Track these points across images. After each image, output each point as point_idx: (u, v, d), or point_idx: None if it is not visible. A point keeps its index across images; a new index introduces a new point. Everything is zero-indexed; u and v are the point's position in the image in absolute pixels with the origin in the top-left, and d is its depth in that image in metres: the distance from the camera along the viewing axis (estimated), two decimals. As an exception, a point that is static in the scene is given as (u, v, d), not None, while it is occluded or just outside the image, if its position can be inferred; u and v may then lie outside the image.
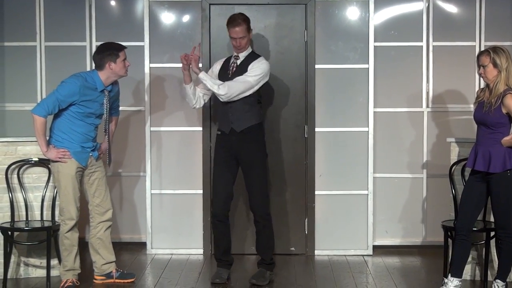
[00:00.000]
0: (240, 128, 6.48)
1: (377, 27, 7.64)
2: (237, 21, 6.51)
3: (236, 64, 6.58)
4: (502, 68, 5.83)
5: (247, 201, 6.94)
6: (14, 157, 6.69)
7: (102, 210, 6.54)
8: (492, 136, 5.88)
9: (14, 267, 6.72)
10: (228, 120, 6.51)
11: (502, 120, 5.86)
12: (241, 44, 6.51)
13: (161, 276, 6.83)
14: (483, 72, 5.90)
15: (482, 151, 5.90)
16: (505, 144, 5.87)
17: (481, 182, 5.98)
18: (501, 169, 5.84)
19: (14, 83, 7.78)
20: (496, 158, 5.84)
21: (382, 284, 6.60)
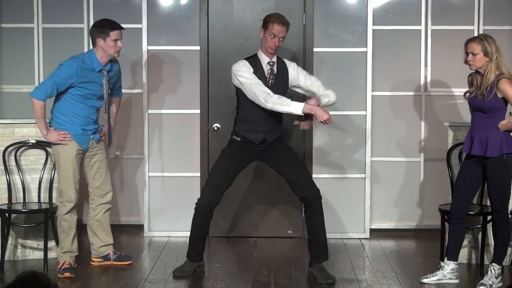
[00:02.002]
0: (271, 139, 6.19)
1: (376, 11, 7.61)
2: (283, 20, 6.11)
3: (274, 73, 6.17)
4: (493, 56, 5.80)
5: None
6: (11, 139, 6.67)
7: (102, 192, 6.53)
8: (489, 120, 5.87)
9: (12, 249, 6.71)
10: (260, 130, 6.14)
11: (499, 105, 5.85)
12: (279, 45, 6.10)
13: (158, 259, 6.83)
14: (472, 59, 5.86)
15: (479, 136, 5.89)
16: (502, 128, 5.86)
17: (477, 166, 5.97)
18: (498, 153, 5.84)
19: (11, 65, 7.75)
20: (493, 142, 5.83)
21: (379, 267, 6.60)
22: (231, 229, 7.64)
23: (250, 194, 7.60)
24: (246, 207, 7.61)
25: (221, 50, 7.49)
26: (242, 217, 7.64)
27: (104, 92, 6.35)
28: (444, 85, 7.69)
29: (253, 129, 6.16)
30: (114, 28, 6.25)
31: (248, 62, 6.15)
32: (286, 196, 7.55)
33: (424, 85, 7.73)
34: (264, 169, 7.32)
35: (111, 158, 7.61)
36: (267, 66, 6.17)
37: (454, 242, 6.09)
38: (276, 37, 6.09)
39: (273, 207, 7.61)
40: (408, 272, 6.45)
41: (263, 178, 7.53)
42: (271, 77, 6.17)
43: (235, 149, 6.24)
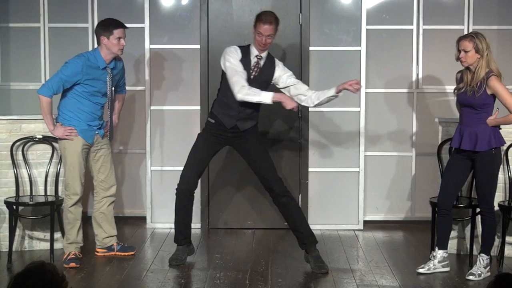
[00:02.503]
0: (244, 127, 6.19)
1: (369, 11, 7.60)
2: (269, 19, 6.07)
3: (259, 64, 6.17)
4: (484, 53, 5.81)
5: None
6: (18, 134, 6.66)
7: (106, 185, 6.53)
8: (478, 116, 5.89)
9: (19, 240, 6.71)
10: (233, 116, 6.14)
11: (487, 101, 5.86)
12: (267, 42, 6.07)
13: (160, 249, 6.83)
14: (463, 56, 5.86)
15: (468, 131, 5.89)
16: (491, 124, 5.88)
17: (466, 160, 5.98)
18: (487, 147, 5.85)
19: (18, 63, 7.73)
20: (482, 137, 5.85)
21: (372, 258, 6.61)
22: (230, 221, 7.65)
23: (248, 188, 7.60)
24: (244, 200, 7.62)
25: (221, 49, 7.42)
26: (240, 210, 7.64)
27: (108, 89, 6.34)
28: (435, 82, 7.69)
29: (227, 113, 6.16)
30: (118, 27, 6.25)
31: (240, 49, 6.17)
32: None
33: (416, 83, 7.73)
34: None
35: (115, 153, 7.60)
36: (254, 58, 6.16)
37: (442, 232, 6.12)
38: (262, 36, 6.08)
39: (270, 199, 7.59)
40: (400, 262, 6.46)
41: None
42: (255, 69, 6.16)
43: (208, 133, 6.26)
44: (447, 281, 5.96)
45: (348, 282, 5.93)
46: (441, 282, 5.96)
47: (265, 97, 5.97)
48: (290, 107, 5.98)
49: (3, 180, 6.66)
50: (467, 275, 5.95)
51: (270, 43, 6.15)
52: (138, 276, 6.07)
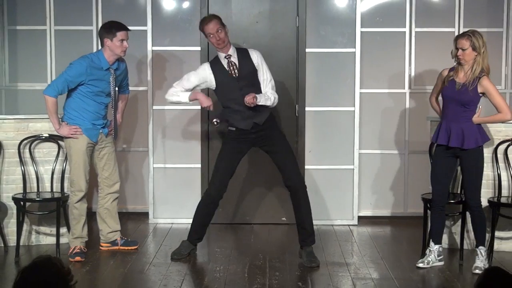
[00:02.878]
0: (262, 120, 6.15)
1: (364, 14, 7.62)
2: (209, 18, 6.16)
3: (234, 63, 6.16)
4: (480, 51, 5.83)
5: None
6: (26, 133, 6.68)
7: (110, 182, 6.55)
8: (464, 114, 5.89)
9: (26, 235, 6.74)
10: (247, 117, 6.11)
11: (475, 99, 5.89)
12: (221, 37, 6.06)
13: (162, 244, 6.86)
14: (461, 54, 5.88)
15: (455, 129, 5.89)
16: (476, 122, 5.89)
17: (452, 157, 5.99)
18: (474, 145, 5.87)
19: (25, 64, 7.76)
20: (469, 135, 5.86)
21: (366, 252, 6.64)
22: (229, 217, 7.67)
23: (247, 184, 7.62)
24: (243, 196, 7.64)
25: (220, 51, 7.49)
26: (240, 206, 7.67)
27: (111, 89, 6.37)
28: (427, 82, 7.70)
29: (240, 117, 6.16)
30: (121, 29, 6.27)
31: (209, 64, 6.25)
32: (281, 186, 7.55)
33: (409, 83, 7.75)
34: (259, 161, 7.36)
35: (119, 151, 7.62)
36: (224, 60, 6.17)
37: (437, 227, 6.14)
38: (213, 35, 6.09)
39: (268, 196, 7.64)
40: (393, 256, 6.49)
41: (259, 169, 7.55)
42: (232, 68, 6.16)
43: (232, 139, 6.25)
44: (438, 274, 5.99)
45: (343, 275, 5.96)
46: (433, 275, 5.99)
47: (183, 96, 6.21)
48: (205, 105, 6.15)
49: (11, 177, 6.68)
50: (473, 269, 5.97)
51: (224, 36, 6.12)
52: (141, 269, 6.09)
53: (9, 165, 6.67)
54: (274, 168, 7.25)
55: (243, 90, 6.09)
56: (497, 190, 6.57)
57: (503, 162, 6.58)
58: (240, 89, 6.11)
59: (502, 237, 6.63)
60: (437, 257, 6.12)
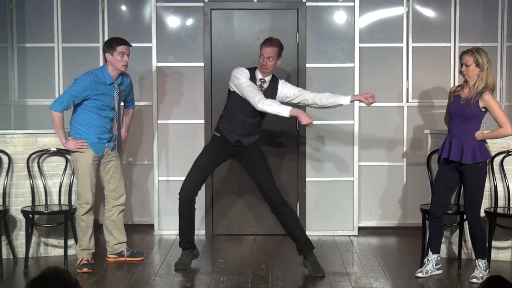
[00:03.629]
0: (246, 143, 6.19)
1: (362, 30, 7.63)
2: (271, 42, 6.09)
3: (262, 88, 6.13)
4: (484, 67, 5.82)
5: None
6: (34, 147, 6.67)
7: (116, 195, 6.53)
8: (466, 127, 5.87)
9: (35, 247, 6.71)
10: (236, 133, 6.15)
11: (478, 114, 5.85)
12: (267, 64, 6.04)
13: (167, 255, 6.83)
14: (465, 70, 5.86)
15: (456, 142, 5.88)
16: (479, 138, 5.86)
17: (454, 170, 5.96)
18: (471, 161, 5.83)
19: (34, 81, 7.76)
20: (468, 150, 5.83)
21: (366, 262, 6.60)
22: (232, 228, 7.65)
23: (249, 196, 7.60)
24: (246, 208, 7.62)
25: (223, 66, 7.50)
26: (242, 217, 7.64)
27: (115, 103, 6.36)
28: (424, 96, 7.70)
29: (232, 129, 6.15)
30: (121, 44, 6.28)
31: (247, 71, 6.15)
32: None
33: (406, 97, 7.74)
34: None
35: (125, 164, 7.62)
36: (258, 81, 6.15)
37: (435, 237, 6.10)
38: (264, 57, 6.07)
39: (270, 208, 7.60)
40: (393, 266, 6.45)
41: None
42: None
43: (213, 146, 6.26)
44: (437, 283, 5.95)
45: (344, 285, 5.93)
46: (432, 284, 5.95)
47: (284, 109, 5.91)
48: (305, 122, 5.88)
49: (20, 190, 6.67)
50: (471, 278, 5.93)
51: (271, 66, 6.10)
52: (146, 280, 6.06)
53: (18, 179, 6.66)
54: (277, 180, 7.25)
55: (252, 113, 6.08)
56: (493, 200, 6.54)
57: (499, 173, 6.56)
58: (250, 111, 6.08)
59: (498, 246, 6.60)
60: (435, 266, 6.09)
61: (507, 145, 6.54)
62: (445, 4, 7.69)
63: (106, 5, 7.67)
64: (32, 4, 7.69)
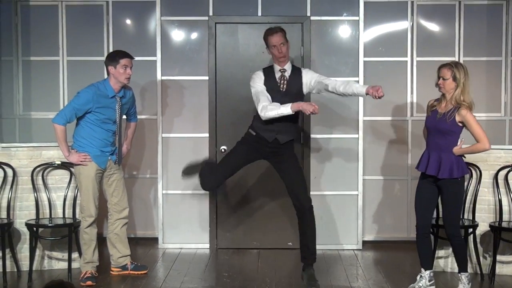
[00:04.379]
0: (283, 140, 6.17)
1: (366, 44, 7.64)
2: (275, 29, 6.15)
3: (285, 77, 6.17)
4: (460, 82, 5.79)
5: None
6: (39, 160, 6.69)
7: (119, 208, 6.54)
8: (443, 142, 5.81)
9: (39, 260, 6.72)
10: (272, 130, 6.13)
11: (454, 129, 5.80)
12: (283, 50, 6.09)
13: (171, 268, 6.82)
14: (442, 83, 5.85)
15: (434, 157, 5.83)
16: (457, 153, 5.80)
17: (433, 184, 5.90)
18: (448, 176, 5.77)
19: (39, 94, 7.78)
20: (446, 164, 5.77)
21: (371, 276, 6.59)
22: (236, 242, 7.64)
23: (253, 210, 7.60)
24: (250, 222, 7.61)
25: (228, 80, 7.52)
26: (247, 231, 7.63)
27: (117, 116, 6.38)
28: (429, 110, 7.70)
29: (266, 128, 6.14)
30: (124, 56, 6.31)
31: (262, 71, 6.23)
32: (287, 211, 7.56)
33: (410, 111, 7.75)
34: (267, 187, 7.35)
35: (128, 178, 7.62)
36: (278, 73, 6.18)
37: (425, 253, 6.01)
38: (276, 46, 6.11)
39: (274, 221, 7.61)
40: (397, 280, 6.44)
41: (266, 195, 7.53)
42: (282, 82, 6.16)
43: (248, 143, 6.26)
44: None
45: (348, 298, 5.92)
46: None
47: (285, 108, 5.96)
48: (309, 111, 5.89)
49: (25, 203, 6.68)
50: None
51: (286, 51, 6.14)
52: (150, 293, 6.07)
53: (22, 192, 6.67)
54: (281, 194, 7.26)
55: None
56: (498, 215, 6.53)
57: (504, 187, 6.56)
58: (279, 102, 6.06)
59: (503, 261, 6.58)
60: (429, 282, 6.01)
61: (511, 159, 6.54)
62: (449, 18, 7.71)
63: (111, 19, 7.70)
64: (37, 18, 7.72)
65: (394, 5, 7.69)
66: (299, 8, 7.54)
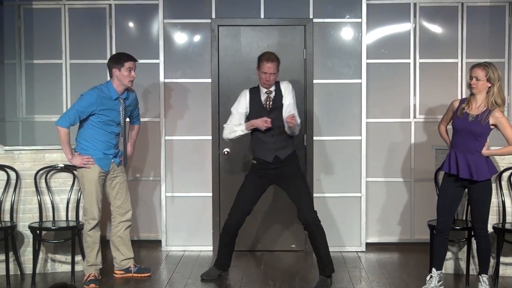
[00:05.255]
0: (283, 155, 6.25)
1: (369, 46, 7.65)
2: (271, 58, 6.24)
3: (270, 98, 6.30)
4: (495, 83, 5.79)
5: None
6: (42, 163, 6.70)
7: (122, 211, 6.54)
8: (474, 144, 5.83)
9: (42, 263, 6.72)
10: (270, 149, 6.24)
11: (487, 131, 5.82)
12: (271, 79, 6.24)
13: (174, 271, 6.83)
14: (475, 83, 5.84)
15: (462, 159, 5.84)
16: (485, 154, 5.83)
17: (460, 187, 5.93)
18: (485, 177, 5.79)
19: (42, 97, 7.79)
20: (480, 167, 5.78)
21: (374, 278, 6.59)
22: (240, 244, 7.62)
23: (257, 213, 7.58)
24: (254, 224, 7.61)
25: (230, 82, 7.53)
26: (250, 233, 7.63)
27: (121, 118, 6.39)
28: (431, 112, 7.70)
29: (264, 148, 6.26)
30: (129, 60, 6.33)
31: (249, 91, 6.39)
32: (289, 214, 7.55)
33: (413, 113, 7.75)
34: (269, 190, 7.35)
35: (131, 180, 7.63)
36: (264, 95, 6.31)
37: (440, 254, 6.05)
38: (266, 74, 6.21)
39: (277, 223, 7.61)
40: (401, 282, 6.44)
41: (268, 198, 7.53)
42: (268, 102, 6.30)
43: (254, 173, 6.35)
44: (445, 300, 5.94)
45: (352, 301, 5.92)
46: (439, 300, 5.94)
47: (240, 129, 6.29)
48: (263, 127, 6.18)
49: (28, 206, 6.69)
50: None
51: (273, 81, 6.27)
52: (154, 296, 6.07)
53: (25, 195, 6.68)
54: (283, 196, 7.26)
55: (272, 123, 6.20)
56: (501, 216, 6.53)
57: (507, 189, 6.56)
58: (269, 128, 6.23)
59: (507, 262, 6.58)
60: (438, 283, 6.03)
61: (515, 161, 6.54)
62: (452, 20, 7.71)
63: (114, 21, 7.71)
64: (40, 21, 7.74)
65: (397, 7, 7.70)
66: (302, 10, 7.55)
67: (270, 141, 6.24)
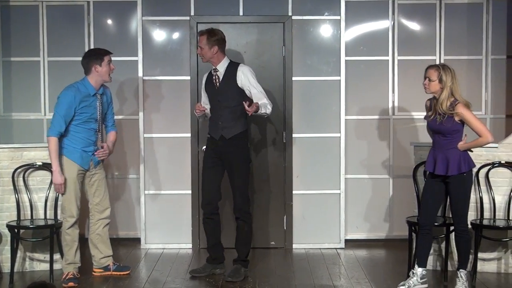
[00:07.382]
0: (229, 135, 6.40)
1: (348, 43, 7.67)
2: (201, 31, 6.55)
3: (218, 77, 6.46)
4: (446, 85, 5.82)
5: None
6: (20, 161, 6.66)
7: (101, 208, 6.52)
8: (448, 141, 5.88)
9: (20, 262, 6.69)
10: (218, 127, 6.44)
11: (456, 128, 5.86)
12: (200, 53, 6.46)
13: (153, 269, 6.82)
14: (427, 84, 5.89)
15: (441, 157, 5.90)
16: (462, 148, 5.88)
17: (440, 183, 5.98)
18: (457, 172, 5.85)
19: (20, 95, 7.75)
20: (453, 162, 5.85)
21: (353, 274, 6.62)
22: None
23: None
24: (232, 222, 7.60)
25: (209, 80, 7.51)
26: (229, 230, 7.63)
27: (98, 114, 6.37)
28: (410, 109, 7.74)
29: (214, 126, 6.52)
30: (106, 53, 6.39)
31: (208, 72, 6.62)
32: (269, 211, 7.58)
33: (392, 110, 7.78)
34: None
35: (111, 178, 7.61)
36: (213, 72, 6.52)
37: (423, 250, 6.07)
38: (198, 47, 6.51)
39: (257, 221, 7.61)
40: (379, 278, 6.47)
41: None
42: (216, 80, 6.48)
43: (207, 147, 6.64)
44: (423, 296, 5.98)
45: (331, 297, 5.94)
46: (418, 296, 5.98)
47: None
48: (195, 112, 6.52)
49: (5, 204, 6.65)
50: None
51: (201, 53, 6.44)
52: (133, 294, 6.06)
53: (3, 193, 6.64)
54: (262, 194, 7.29)
55: (220, 102, 6.42)
56: (479, 212, 6.58)
57: (485, 185, 6.60)
58: (218, 100, 6.45)
59: (485, 258, 6.63)
60: (420, 279, 6.05)
61: (492, 157, 6.59)
62: (430, 18, 7.75)
63: (92, 19, 7.68)
64: (17, 18, 7.69)
65: (375, 4, 7.73)
66: (281, 7, 7.55)
67: (219, 121, 6.44)
